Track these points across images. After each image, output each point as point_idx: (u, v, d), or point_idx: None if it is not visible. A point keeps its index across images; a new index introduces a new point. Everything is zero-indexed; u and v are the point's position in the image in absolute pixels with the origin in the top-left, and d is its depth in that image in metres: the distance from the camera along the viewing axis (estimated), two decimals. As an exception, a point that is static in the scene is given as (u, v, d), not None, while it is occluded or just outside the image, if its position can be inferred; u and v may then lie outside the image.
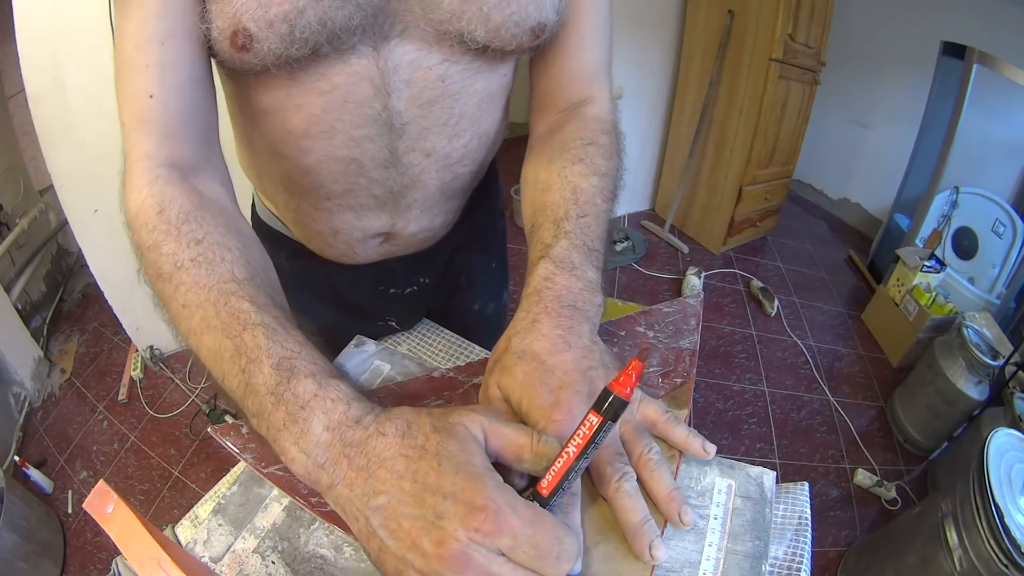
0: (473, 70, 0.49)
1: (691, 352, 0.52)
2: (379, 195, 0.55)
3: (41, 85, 1.40)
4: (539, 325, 0.42)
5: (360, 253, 0.64)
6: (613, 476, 0.37)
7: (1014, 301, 1.99)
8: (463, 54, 0.47)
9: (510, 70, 0.55)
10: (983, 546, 1.03)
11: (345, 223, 0.58)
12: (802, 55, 2.30)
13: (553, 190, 0.49)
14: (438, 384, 0.50)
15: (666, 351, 0.52)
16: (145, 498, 1.53)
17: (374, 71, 0.45)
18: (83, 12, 1.36)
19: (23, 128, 2.04)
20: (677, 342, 0.53)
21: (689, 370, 0.50)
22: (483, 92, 0.52)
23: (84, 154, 1.52)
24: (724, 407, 1.90)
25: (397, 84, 0.46)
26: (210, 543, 0.41)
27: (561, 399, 0.38)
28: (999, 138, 2.25)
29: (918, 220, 2.28)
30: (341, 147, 0.49)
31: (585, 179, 0.49)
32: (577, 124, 0.54)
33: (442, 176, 0.56)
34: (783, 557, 0.40)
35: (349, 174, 0.52)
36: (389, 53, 0.45)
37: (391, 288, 0.71)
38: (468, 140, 0.54)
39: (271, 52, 0.40)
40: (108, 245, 1.69)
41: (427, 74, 0.47)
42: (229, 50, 0.41)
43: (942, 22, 2.38)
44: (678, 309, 0.56)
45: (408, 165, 0.52)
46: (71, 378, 1.91)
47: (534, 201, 0.51)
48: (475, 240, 0.76)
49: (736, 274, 2.57)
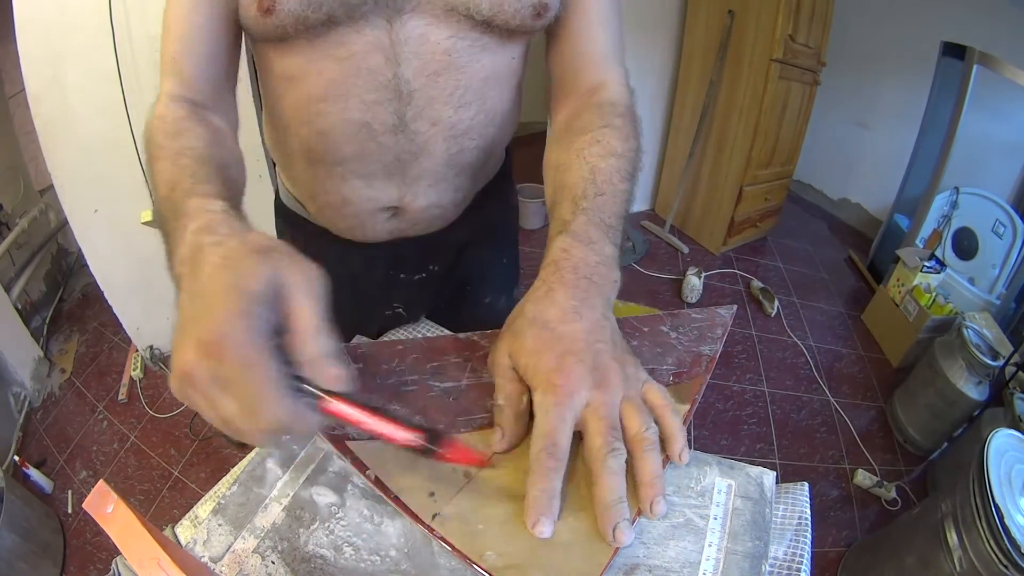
0: (480, 47, 0.53)
1: (709, 359, 0.52)
2: (388, 163, 0.58)
3: (41, 85, 1.40)
4: (554, 294, 0.43)
5: (370, 227, 0.65)
6: (603, 449, 0.37)
7: (1014, 301, 1.99)
8: (470, 30, 0.51)
9: (519, 53, 0.58)
10: (983, 547, 1.03)
11: (356, 192, 0.61)
12: (802, 55, 2.30)
13: (572, 170, 0.52)
14: (461, 344, 0.53)
15: (684, 353, 0.52)
16: (145, 498, 1.53)
17: (386, 42, 0.50)
18: (83, 12, 1.36)
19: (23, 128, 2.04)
20: (698, 347, 0.53)
21: (704, 375, 0.50)
22: (489, 69, 0.55)
23: (84, 154, 1.52)
24: (724, 407, 1.90)
25: (407, 55, 0.50)
26: (210, 543, 0.41)
27: (564, 364, 0.39)
28: (999, 138, 2.25)
29: (918, 220, 2.28)
30: (354, 110, 0.53)
31: (602, 160, 0.51)
32: (592, 110, 0.56)
33: (448, 147, 0.58)
34: (783, 557, 0.40)
35: (361, 137, 0.55)
36: (401, 26, 0.49)
37: (401, 273, 0.73)
38: (474, 113, 0.57)
39: (290, 14, 0.46)
40: (108, 245, 1.69)
41: (435, 47, 0.51)
42: (256, 14, 0.48)
43: (942, 22, 2.38)
44: (706, 317, 0.56)
45: (415, 132, 0.55)
46: (71, 378, 1.91)
47: (554, 182, 0.54)
48: (487, 234, 0.77)
49: (736, 274, 2.57)
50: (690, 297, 2.35)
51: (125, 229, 1.66)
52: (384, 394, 0.48)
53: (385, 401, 0.46)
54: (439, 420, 0.46)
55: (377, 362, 0.51)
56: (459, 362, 0.51)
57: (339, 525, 0.42)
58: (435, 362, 0.51)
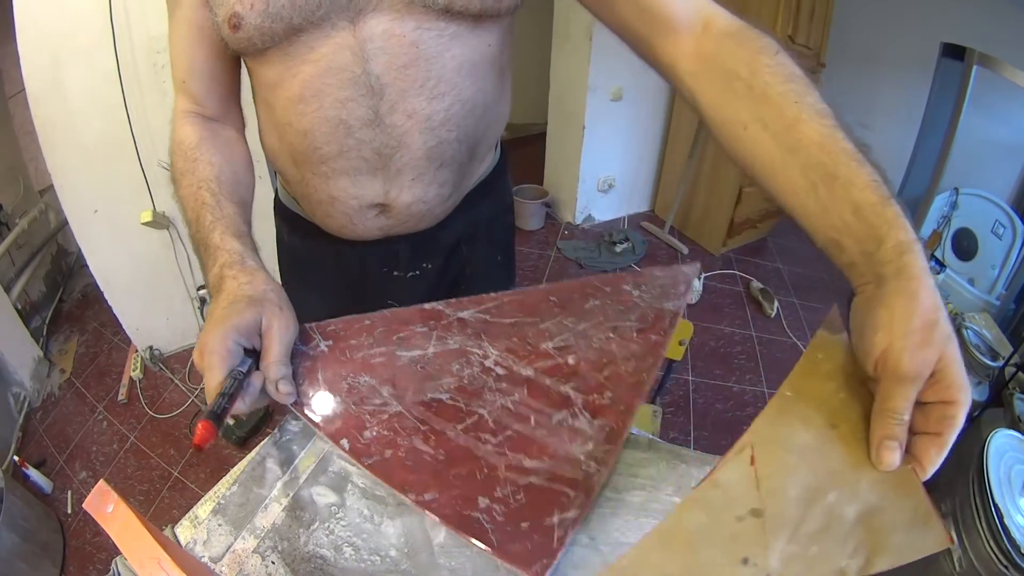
0: (448, 35, 0.54)
1: (673, 313, 0.53)
2: (369, 158, 0.59)
3: (41, 85, 1.40)
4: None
5: (360, 225, 0.66)
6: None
7: (1014, 302, 1.99)
8: (436, 19, 0.52)
9: (495, 41, 0.58)
10: (983, 547, 1.03)
11: (341, 190, 0.62)
12: (802, 56, 2.29)
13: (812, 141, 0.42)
14: (427, 314, 0.56)
15: (647, 310, 0.54)
16: (145, 498, 1.53)
17: (352, 41, 0.52)
18: (83, 12, 1.36)
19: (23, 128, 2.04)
20: (661, 303, 0.54)
21: (668, 329, 0.52)
22: (461, 58, 0.56)
23: (84, 154, 1.52)
24: (724, 408, 1.90)
25: (374, 51, 0.52)
26: (210, 543, 0.41)
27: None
28: (999, 139, 2.25)
29: (918, 221, 2.28)
30: (329, 108, 0.55)
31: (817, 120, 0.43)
32: (740, 54, 0.47)
33: (426, 140, 0.58)
34: (783, 558, 0.40)
35: (339, 134, 0.57)
36: (364, 24, 0.52)
37: (395, 271, 0.74)
38: (449, 104, 0.57)
39: (255, 28, 0.51)
40: (108, 245, 1.69)
41: (400, 40, 0.52)
42: (229, 33, 0.53)
43: (942, 23, 2.38)
44: (669, 275, 0.57)
45: (392, 126, 0.57)
46: (71, 378, 1.91)
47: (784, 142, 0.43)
48: (481, 233, 0.78)
49: (736, 275, 2.57)
50: (690, 298, 2.35)
51: (125, 229, 1.67)
52: (353, 367, 0.51)
53: (343, 377, 0.51)
54: (407, 388, 0.50)
55: (346, 338, 0.54)
56: (424, 331, 0.54)
57: (339, 525, 0.42)
58: (401, 333, 0.54)
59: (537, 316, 0.55)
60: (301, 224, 0.73)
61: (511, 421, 0.48)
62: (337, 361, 0.52)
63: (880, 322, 0.37)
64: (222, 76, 0.62)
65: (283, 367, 0.47)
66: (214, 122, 0.63)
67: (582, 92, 2.43)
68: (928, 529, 0.35)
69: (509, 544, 0.40)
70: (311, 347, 0.53)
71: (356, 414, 0.48)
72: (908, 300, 0.36)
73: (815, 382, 0.42)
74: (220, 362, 0.44)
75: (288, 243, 0.78)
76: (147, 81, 1.50)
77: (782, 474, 0.38)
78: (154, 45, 1.47)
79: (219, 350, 0.44)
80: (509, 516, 0.42)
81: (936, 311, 0.36)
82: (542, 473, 0.44)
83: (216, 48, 0.58)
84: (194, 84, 0.61)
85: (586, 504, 0.42)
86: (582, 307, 0.56)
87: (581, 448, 0.45)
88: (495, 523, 0.41)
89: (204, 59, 0.59)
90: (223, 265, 0.50)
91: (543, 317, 0.55)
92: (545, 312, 0.56)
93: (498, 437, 0.47)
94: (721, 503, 0.37)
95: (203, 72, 0.60)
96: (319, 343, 0.53)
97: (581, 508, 0.41)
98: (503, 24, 0.58)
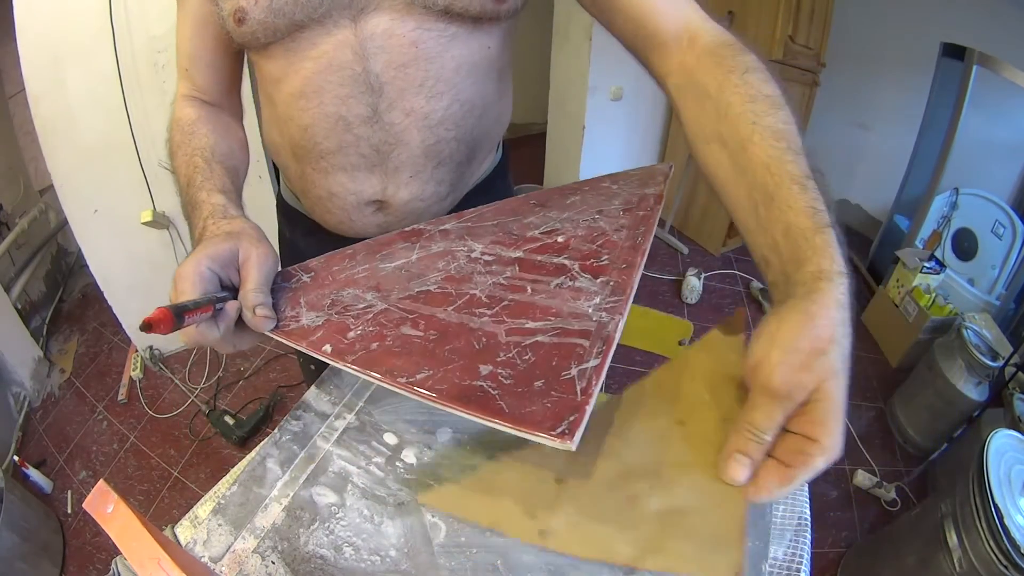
0: (448, 36, 0.55)
1: (655, 195, 0.55)
2: (367, 154, 0.60)
3: (41, 85, 1.40)
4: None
5: (358, 222, 0.67)
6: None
7: (1014, 302, 1.99)
8: (435, 20, 0.53)
9: (495, 43, 0.59)
10: (983, 547, 1.03)
11: (339, 185, 0.63)
12: (802, 56, 2.30)
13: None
14: (408, 234, 0.57)
15: (630, 195, 0.56)
16: (145, 498, 1.53)
17: (353, 39, 0.53)
18: (83, 12, 1.36)
19: (23, 128, 2.04)
20: (641, 190, 0.56)
21: (653, 206, 0.53)
22: (460, 59, 0.56)
23: (84, 154, 1.52)
24: (724, 408, 1.90)
25: (374, 50, 0.53)
26: (210, 543, 0.41)
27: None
28: (999, 139, 2.25)
29: (918, 221, 2.28)
30: (329, 104, 0.56)
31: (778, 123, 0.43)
32: (717, 68, 0.48)
33: (424, 137, 0.59)
34: (783, 558, 0.40)
35: (338, 130, 0.58)
36: (365, 23, 0.53)
37: None
38: (448, 104, 0.58)
39: (259, 22, 0.52)
40: (108, 245, 1.69)
41: (400, 40, 0.53)
42: (234, 27, 0.54)
43: (942, 23, 2.38)
44: (646, 171, 0.60)
45: (390, 123, 0.57)
46: (71, 378, 1.91)
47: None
48: None
49: (736, 275, 2.57)
50: (690, 298, 2.35)
51: (125, 229, 1.67)
52: (336, 286, 0.51)
53: (317, 298, 0.51)
54: (392, 289, 0.49)
55: (328, 267, 0.54)
56: (407, 246, 0.55)
57: (339, 525, 0.42)
58: (384, 251, 0.55)
59: (520, 215, 0.56)
60: (302, 221, 0.74)
61: (506, 293, 0.45)
62: (319, 286, 0.51)
63: (766, 331, 0.36)
64: (224, 68, 0.64)
65: (261, 294, 0.46)
66: (213, 106, 0.65)
67: (582, 92, 2.43)
68: (722, 554, 0.34)
69: (524, 407, 0.34)
70: (293, 282, 0.53)
71: (339, 321, 0.46)
72: (802, 319, 0.35)
73: (679, 377, 0.44)
74: (191, 286, 0.43)
75: (289, 239, 0.79)
76: (147, 81, 1.50)
77: (595, 455, 0.41)
78: (154, 45, 1.47)
79: (190, 275, 0.43)
80: (518, 378, 0.36)
81: (830, 343, 0.34)
82: (549, 331, 0.40)
83: (220, 41, 0.60)
84: (197, 72, 0.63)
85: (606, 352, 0.37)
86: (564, 203, 0.57)
87: (587, 303, 0.42)
88: (502, 388, 0.36)
89: (208, 50, 0.62)
90: (206, 217, 0.51)
91: (526, 215, 0.56)
92: (527, 212, 0.57)
93: (494, 308, 0.43)
94: (532, 467, 0.42)
95: (206, 62, 0.63)
96: (301, 277, 0.53)
97: (601, 357, 0.37)
98: (503, 27, 0.59)
